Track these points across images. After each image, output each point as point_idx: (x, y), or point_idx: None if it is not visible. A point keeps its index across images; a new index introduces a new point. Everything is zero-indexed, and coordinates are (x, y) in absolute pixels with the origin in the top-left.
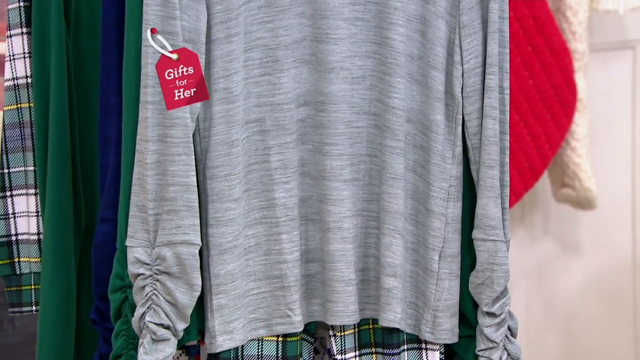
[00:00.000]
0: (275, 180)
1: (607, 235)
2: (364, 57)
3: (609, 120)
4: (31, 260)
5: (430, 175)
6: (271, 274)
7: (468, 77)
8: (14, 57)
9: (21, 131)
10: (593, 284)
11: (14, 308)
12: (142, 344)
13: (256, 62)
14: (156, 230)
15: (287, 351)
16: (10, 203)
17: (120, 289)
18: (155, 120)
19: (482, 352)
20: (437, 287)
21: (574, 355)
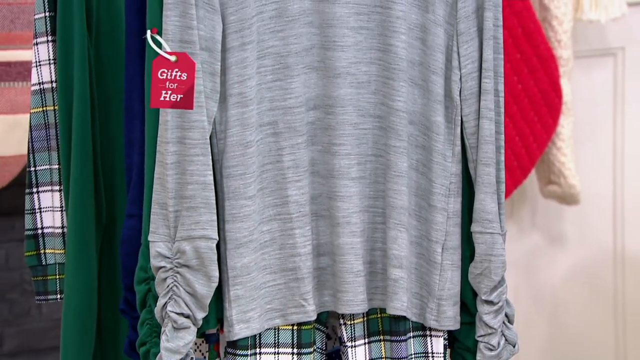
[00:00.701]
0: (288, 179)
1: (590, 228)
2: (368, 63)
3: (592, 121)
4: (56, 252)
5: (432, 173)
6: (285, 266)
7: (466, 81)
8: (40, 64)
9: (46, 132)
10: (577, 273)
11: (40, 296)
12: (164, 331)
13: (268, 68)
14: (176, 226)
15: (302, 339)
16: (37, 199)
17: (144, 280)
18: (174, 123)
19: (481, 337)
20: (440, 278)
21: (559, 339)
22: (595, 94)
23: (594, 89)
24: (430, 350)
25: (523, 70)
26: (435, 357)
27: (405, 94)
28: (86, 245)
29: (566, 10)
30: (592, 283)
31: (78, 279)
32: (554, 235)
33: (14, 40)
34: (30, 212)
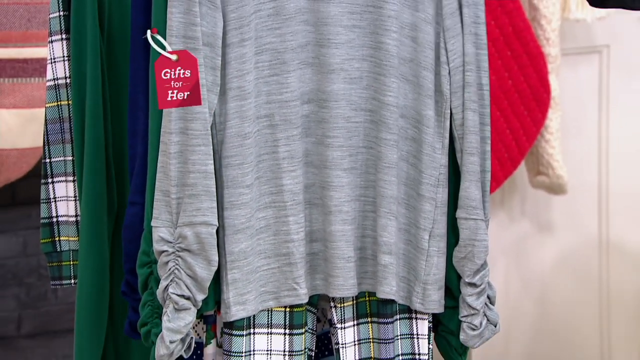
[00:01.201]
0: (283, 169)
1: (576, 216)
2: (360, 60)
3: (578, 115)
4: (70, 239)
5: (422, 164)
6: (279, 252)
7: (454, 75)
8: (55, 60)
9: (61, 125)
10: (564, 259)
11: (55, 281)
12: (166, 312)
13: (266, 64)
14: (178, 212)
15: (294, 320)
16: (52, 189)
17: (146, 264)
18: (178, 114)
19: (464, 318)
20: (427, 263)
21: (547, 321)
22: (581, 89)
23: (581, 84)
24: (415, 332)
25: (513, 67)
26: (420, 338)
27: (395, 89)
28: (98, 233)
29: (554, 10)
30: (579, 268)
31: (91, 265)
32: (543, 223)
33: (30, 39)
34: (45, 202)
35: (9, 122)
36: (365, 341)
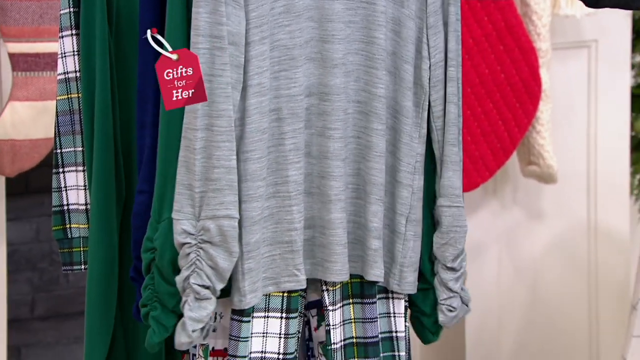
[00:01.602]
0: (289, 161)
1: (566, 204)
2: (354, 54)
3: (568, 107)
4: (80, 226)
5: (400, 152)
6: (282, 239)
7: (434, 70)
8: (65, 55)
9: (71, 117)
10: (554, 245)
11: (66, 266)
12: (187, 301)
13: (275, 59)
14: (201, 206)
15: (291, 304)
16: (63, 178)
17: (150, 249)
18: (203, 111)
19: (444, 300)
20: (403, 247)
21: (538, 305)
22: (571, 82)
23: (570, 78)
24: (392, 310)
25: (506, 61)
26: (397, 317)
27: (385, 82)
28: (107, 220)
29: (545, 6)
30: (568, 253)
31: (100, 251)
32: (534, 210)
33: (42, 34)
34: (57, 190)
35: (22, 114)
36: (348, 322)
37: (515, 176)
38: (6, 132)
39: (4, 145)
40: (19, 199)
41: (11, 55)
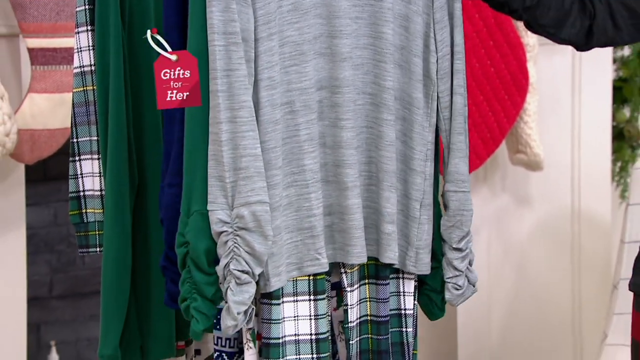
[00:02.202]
0: (304, 151)
1: (551, 190)
2: (362, 48)
3: (553, 100)
4: (95, 211)
5: (413, 141)
6: (302, 226)
7: (441, 63)
8: (81, 50)
9: (87, 109)
10: (540, 228)
11: (82, 249)
12: (229, 287)
13: (286, 55)
14: (233, 195)
15: (317, 287)
16: (79, 166)
17: (183, 244)
18: (225, 105)
19: (450, 279)
20: (419, 230)
21: (525, 283)
22: (556, 76)
23: (556, 72)
24: (402, 290)
25: (495, 56)
26: (406, 295)
27: (393, 74)
28: (121, 206)
29: None
30: (553, 236)
31: (114, 235)
32: (521, 196)
33: (59, 30)
34: (73, 177)
35: (41, 105)
36: (364, 300)
37: (504, 164)
38: (25, 122)
39: (24, 134)
40: (37, 185)
41: (30, 50)
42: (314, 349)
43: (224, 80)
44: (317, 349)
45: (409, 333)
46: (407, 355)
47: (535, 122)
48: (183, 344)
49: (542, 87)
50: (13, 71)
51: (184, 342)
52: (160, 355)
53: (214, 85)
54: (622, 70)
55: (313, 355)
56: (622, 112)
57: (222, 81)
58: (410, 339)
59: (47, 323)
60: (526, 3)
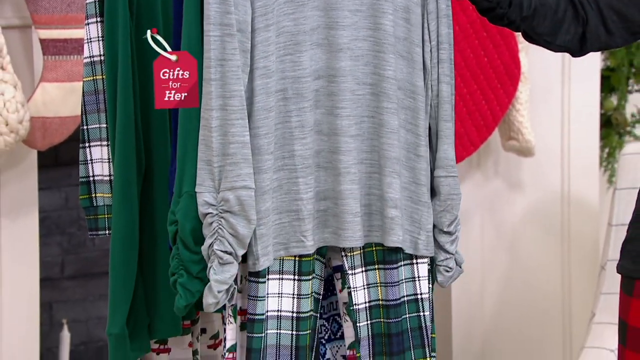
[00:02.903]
0: (295, 137)
1: (542, 176)
2: (362, 40)
3: (544, 88)
4: (104, 196)
5: (419, 129)
6: (290, 208)
7: (433, 52)
8: (91, 40)
9: (96, 97)
10: (531, 212)
11: (92, 231)
12: (212, 267)
13: (281, 45)
14: (220, 179)
15: (302, 268)
16: (89, 152)
17: (173, 222)
18: (217, 93)
19: (441, 262)
20: (428, 214)
21: (517, 265)
22: (547, 65)
23: (546, 61)
24: (417, 275)
25: (489, 46)
26: (421, 280)
27: (393, 64)
28: (129, 190)
29: None
30: (544, 219)
31: (122, 218)
32: (513, 181)
33: (70, 21)
34: (83, 163)
35: (52, 93)
36: (374, 285)
37: (497, 150)
38: (38, 110)
39: (36, 122)
40: (49, 171)
41: (42, 40)
42: (294, 326)
43: (218, 69)
44: (298, 326)
45: (426, 317)
46: (427, 339)
47: (526, 110)
48: (189, 323)
49: (534, 77)
50: (26, 61)
51: (190, 322)
52: (167, 334)
53: (207, 73)
54: (610, 60)
55: (293, 331)
56: (609, 101)
57: (215, 70)
58: (428, 323)
59: (58, 302)
60: (523, 13)
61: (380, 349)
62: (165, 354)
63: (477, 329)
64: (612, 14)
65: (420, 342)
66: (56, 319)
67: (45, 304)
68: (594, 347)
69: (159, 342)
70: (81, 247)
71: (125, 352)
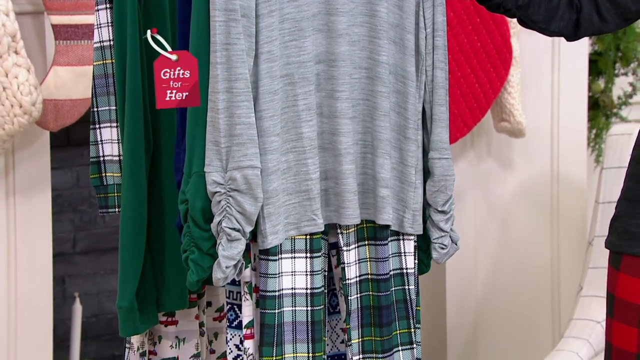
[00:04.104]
0: (302, 119)
1: (532, 155)
2: (359, 25)
3: (534, 72)
4: (114, 175)
5: (408, 112)
6: (300, 189)
7: (428, 39)
8: (100, 26)
9: (106, 80)
10: (522, 190)
11: (102, 209)
12: (220, 243)
13: (286, 31)
14: (227, 159)
15: (313, 245)
16: (99, 133)
17: (184, 202)
18: (223, 76)
19: (436, 239)
20: (414, 194)
21: (508, 241)
22: (537, 50)
23: (537, 46)
24: (403, 250)
25: (482, 31)
26: (407, 255)
27: (387, 50)
28: (137, 170)
29: None
30: (534, 197)
31: (131, 196)
32: (505, 160)
33: (81, 7)
34: (94, 144)
35: (64, 77)
36: (364, 260)
37: (490, 131)
38: (50, 93)
39: (48, 104)
40: (61, 151)
41: (54, 26)
42: (309, 302)
43: (223, 53)
44: (312, 301)
45: (411, 290)
46: (411, 311)
47: (518, 93)
48: (195, 297)
49: (525, 61)
50: (38, 46)
51: (196, 295)
52: (174, 307)
53: (213, 57)
54: (598, 44)
55: (308, 307)
56: (597, 84)
57: (221, 54)
58: (413, 296)
59: (71, 276)
60: (518, 2)
61: (369, 320)
62: (172, 326)
63: (470, 302)
64: (605, 1)
65: (405, 313)
66: (68, 292)
67: (58, 278)
68: (582, 319)
69: (167, 314)
70: (92, 224)
71: (134, 324)
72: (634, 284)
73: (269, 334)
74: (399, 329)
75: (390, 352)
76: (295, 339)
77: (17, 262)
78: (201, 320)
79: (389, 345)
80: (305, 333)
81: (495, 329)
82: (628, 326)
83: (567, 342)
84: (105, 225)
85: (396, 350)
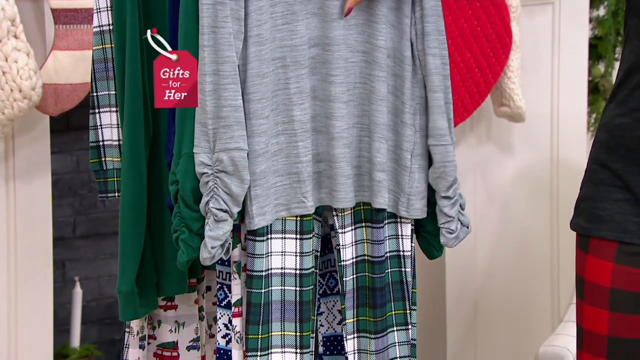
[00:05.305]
0: (294, 103)
1: (532, 140)
2: (356, 9)
3: (535, 57)
4: (114, 160)
5: (404, 96)
6: (290, 171)
7: (417, 24)
8: (100, 10)
9: (105, 65)
10: (522, 174)
11: (102, 194)
12: (207, 223)
13: (278, 14)
14: (215, 141)
15: (303, 227)
16: (99, 118)
17: (174, 182)
18: (210, 59)
19: (442, 224)
20: (410, 178)
21: (508, 225)
22: (537, 34)
23: (537, 30)
24: (400, 233)
25: (482, 16)
26: (403, 238)
27: (385, 34)
28: (137, 154)
29: None
30: (533, 180)
31: (131, 181)
32: (505, 145)
33: None
34: (93, 128)
35: (63, 61)
36: (361, 242)
37: (490, 116)
38: (50, 77)
39: (48, 88)
40: (61, 135)
41: (53, 10)
42: (298, 282)
43: (211, 36)
44: (301, 282)
45: (407, 272)
46: (407, 292)
47: (517, 77)
48: (195, 281)
49: (524, 45)
50: (38, 30)
51: (196, 280)
52: (174, 291)
53: (201, 40)
54: (598, 29)
55: (297, 287)
56: (597, 68)
57: (208, 37)
58: (409, 278)
59: (71, 260)
60: None
61: (364, 301)
62: (172, 311)
63: (469, 285)
64: None
65: (401, 295)
66: (69, 277)
67: (59, 262)
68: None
69: (166, 299)
70: (92, 209)
71: (134, 308)
72: (602, 266)
73: (255, 313)
74: (394, 310)
75: (383, 333)
76: (284, 317)
77: (17, 246)
78: (200, 304)
79: (382, 326)
80: (294, 312)
81: (494, 312)
82: (597, 308)
83: (567, 326)
84: (105, 209)
85: (390, 331)
